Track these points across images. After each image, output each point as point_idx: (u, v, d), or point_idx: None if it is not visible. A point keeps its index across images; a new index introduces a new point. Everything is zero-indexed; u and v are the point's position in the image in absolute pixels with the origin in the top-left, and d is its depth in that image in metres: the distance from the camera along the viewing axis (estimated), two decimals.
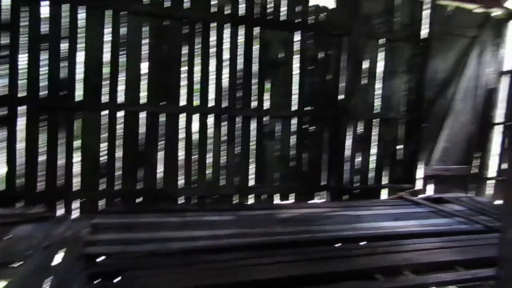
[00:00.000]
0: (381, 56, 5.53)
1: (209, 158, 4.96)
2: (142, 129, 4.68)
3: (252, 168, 5.18)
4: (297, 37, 5.14)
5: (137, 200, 4.73)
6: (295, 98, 5.23)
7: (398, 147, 5.76)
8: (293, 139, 5.28)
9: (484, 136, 6.12)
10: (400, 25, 5.55)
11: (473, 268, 3.53)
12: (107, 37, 4.48)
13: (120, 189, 4.63)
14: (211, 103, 4.89)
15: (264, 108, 5.10)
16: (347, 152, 5.50)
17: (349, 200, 5.46)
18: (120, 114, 4.58)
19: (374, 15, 5.40)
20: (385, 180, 5.77)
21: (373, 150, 5.65)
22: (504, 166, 5.93)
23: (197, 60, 4.80)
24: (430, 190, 5.98)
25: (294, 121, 5.25)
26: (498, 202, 5.90)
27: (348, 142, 5.49)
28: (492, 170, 6.17)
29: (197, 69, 4.81)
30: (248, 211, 4.73)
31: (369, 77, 5.52)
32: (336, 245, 3.89)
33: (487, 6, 5.87)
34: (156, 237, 3.76)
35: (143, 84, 4.64)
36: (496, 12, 5.94)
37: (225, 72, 4.93)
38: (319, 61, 5.27)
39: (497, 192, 6.03)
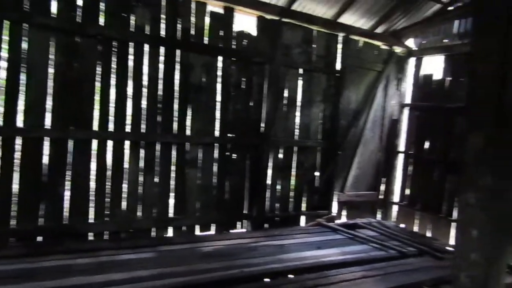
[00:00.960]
0: (300, 85, 5.67)
1: (125, 189, 4.52)
2: (45, 157, 4.10)
3: (172, 198, 4.86)
4: (220, 62, 5.02)
5: (38, 240, 4.09)
6: (217, 124, 5.07)
7: (316, 174, 5.91)
8: (215, 167, 5.09)
9: (390, 164, 6.60)
10: (317, 57, 5.76)
11: None
12: (4, 52, 3.88)
13: (16, 228, 3.97)
14: (127, 128, 4.49)
15: (186, 134, 4.84)
16: (268, 180, 5.47)
17: (270, 229, 5.41)
18: (19, 140, 3.96)
19: (293, 45, 5.53)
20: (303, 207, 5.85)
21: (293, 177, 5.72)
22: (407, 192, 6.44)
23: (113, 82, 4.39)
24: (344, 215, 6.22)
25: (216, 148, 5.08)
26: (402, 225, 6.36)
27: (269, 170, 5.47)
28: (396, 195, 6.64)
29: (113, 91, 4.40)
30: (168, 245, 4.39)
31: (289, 105, 5.60)
32: (265, 280, 3.77)
33: (390, 44, 6.41)
34: (65, 285, 3.26)
35: (48, 107, 4.08)
36: (398, 49, 6.51)
37: (144, 95, 4.58)
38: (242, 87, 5.20)
39: (401, 216, 6.50)
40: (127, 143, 4.50)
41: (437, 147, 6.01)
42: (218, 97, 5.05)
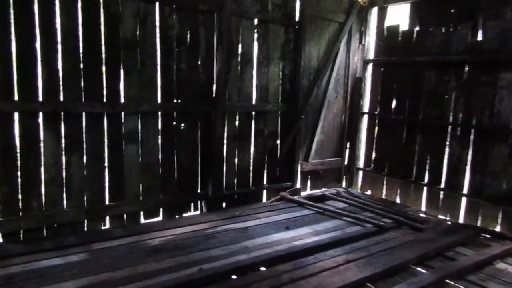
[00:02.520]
0: (255, 39, 4.82)
1: (43, 174, 3.55)
2: None
3: (107, 182, 3.94)
4: (157, 10, 4.03)
5: None
6: (159, 89, 4.14)
7: (277, 142, 5.20)
8: (159, 140, 4.21)
9: (354, 126, 6.03)
10: (273, 5, 4.91)
11: (383, 280, 3.14)
12: None
13: None
14: (40, 97, 3.46)
15: (119, 102, 3.89)
16: (224, 152, 4.69)
17: (229, 208, 4.68)
18: None
19: None
20: (265, 180, 5.15)
21: (252, 147, 4.97)
22: (373, 156, 5.93)
23: (14, 38, 3.30)
24: (309, 186, 5.62)
25: (159, 117, 4.18)
26: (369, 192, 5.88)
27: (225, 140, 4.67)
28: (362, 160, 6.11)
29: (14, 48, 3.32)
30: (105, 241, 3.52)
31: (244, 63, 4.77)
32: (232, 278, 3.05)
33: None
34: None
35: None
36: None
37: (60, 54, 3.54)
38: (186, 42, 4.27)
39: (367, 183, 6.01)
40: (40, 116, 3.48)
41: (406, 106, 5.49)
42: (158, 55, 4.10)
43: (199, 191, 4.56)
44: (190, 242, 3.59)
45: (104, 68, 3.78)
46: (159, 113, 4.17)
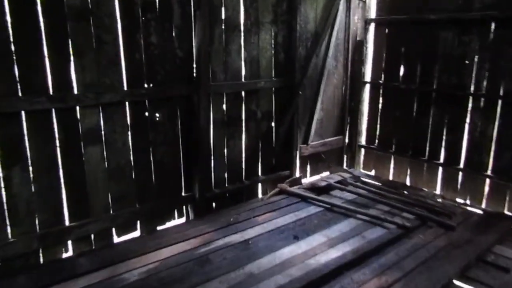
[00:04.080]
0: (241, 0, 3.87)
1: None
2: None
3: (64, 197, 3.06)
4: None
5: None
6: (124, 71, 3.19)
7: (272, 124, 4.37)
8: (130, 137, 3.32)
9: (355, 98, 5.23)
10: None
11: None
12: None
13: None
14: None
15: (72, 93, 2.94)
16: (211, 143, 3.85)
17: (220, 210, 3.89)
18: None
19: None
20: (260, 171, 4.37)
21: (243, 134, 4.13)
22: (378, 131, 5.19)
23: None
24: (309, 171, 4.88)
25: (127, 108, 3.26)
26: (373, 172, 5.21)
27: (211, 129, 3.82)
28: (364, 137, 5.37)
29: None
30: (68, 281, 2.69)
31: (229, 31, 3.82)
32: None
33: None
34: None
35: None
36: None
37: None
38: (156, 8, 3.29)
39: (371, 162, 5.31)
40: None
41: (417, 73, 4.71)
42: (119, 27, 3.12)
43: (183, 193, 3.75)
44: (180, 272, 2.81)
45: (46, 49, 2.79)
46: (126, 102, 3.24)
